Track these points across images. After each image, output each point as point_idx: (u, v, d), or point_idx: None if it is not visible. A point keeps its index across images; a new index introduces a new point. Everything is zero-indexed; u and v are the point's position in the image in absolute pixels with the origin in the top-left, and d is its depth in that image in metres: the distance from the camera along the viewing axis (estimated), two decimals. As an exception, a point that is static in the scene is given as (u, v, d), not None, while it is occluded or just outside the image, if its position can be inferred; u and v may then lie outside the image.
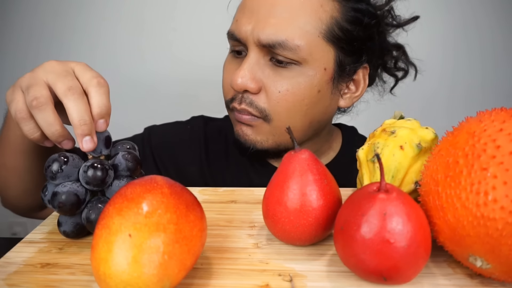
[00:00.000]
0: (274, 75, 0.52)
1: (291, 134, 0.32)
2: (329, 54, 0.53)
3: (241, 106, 0.53)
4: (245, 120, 0.54)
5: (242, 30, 0.52)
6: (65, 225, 0.35)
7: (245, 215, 0.40)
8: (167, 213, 0.26)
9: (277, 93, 0.52)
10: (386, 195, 0.27)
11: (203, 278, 0.30)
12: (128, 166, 0.36)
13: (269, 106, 0.52)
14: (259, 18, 0.51)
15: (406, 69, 0.65)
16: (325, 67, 0.53)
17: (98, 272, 0.25)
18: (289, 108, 0.52)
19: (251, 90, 0.52)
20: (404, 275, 0.27)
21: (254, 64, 0.52)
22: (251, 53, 0.52)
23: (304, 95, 0.52)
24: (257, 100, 0.53)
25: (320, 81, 0.53)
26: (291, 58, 0.50)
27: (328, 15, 0.51)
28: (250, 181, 0.62)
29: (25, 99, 0.35)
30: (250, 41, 0.51)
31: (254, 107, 0.53)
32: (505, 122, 0.27)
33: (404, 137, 0.37)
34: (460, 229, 0.26)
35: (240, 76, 0.51)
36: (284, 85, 0.51)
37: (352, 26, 0.53)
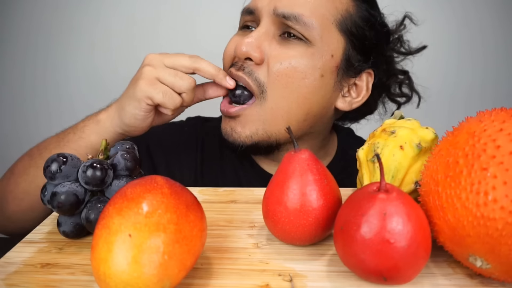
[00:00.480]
0: (280, 49, 0.52)
1: (291, 134, 0.32)
2: (339, 43, 0.53)
3: (238, 73, 0.52)
4: (232, 112, 0.53)
5: (259, 3, 0.53)
6: (64, 225, 0.35)
7: (245, 215, 0.40)
8: (167, 213, 0.26)
9: (279, 65, 0.51)
10: (386, 195, 0.27)
11: (203, 278, 0.30)
12: (127, 166, 0.36)
13: (268, 81, 0.51)
14: None
15: (410, 95, 0.65)
16: (333, 54, 0.53)
17: (98, 272, 0.25)
18: (287, 84, 0.51)
19: (254, 59, 0.51)
20: (404, 275, 0.27)
21: (263, 34, 0.52)
22: (263, 23, 0.52)
23: (306, 73, 0.51)
24: (257, 71, 0.52)
25: (324, 66, 0.52)
26: (302, 34, 0.51)
27: (344, 7, 0.53)
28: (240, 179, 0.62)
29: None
30: (266, 11, 0.52)
31: (253, 78, 0.51)
32: (505, 122, 0.27)
33: (404, 137, 0.37)
34: (460, 229, 0.26)
35: (245, 43, 0.51)
36: (287, 59, 0.51)
37: (364, 25, 0.54)
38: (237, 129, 0.53)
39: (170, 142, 0.66)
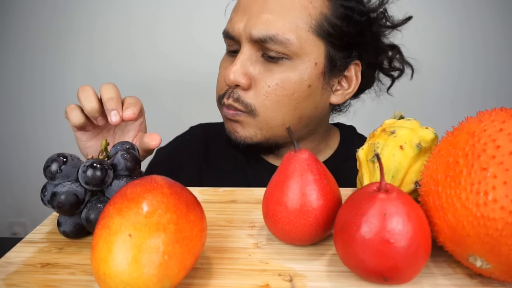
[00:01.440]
0: (265, 71, 0.53)
1: (291, 134, 0.32)
2: (320, 48, 0.54)
3: (228, 101, 0.55)
4: (230, 115, 0.56)
5: (236, 28, 0.54)
6: (64, 225, 0.35)
7: (245, 215, 0.40)
8: (167, 213, 0.26)
9: (267, 87, 0.53)
10: (386, 195, 0.27)
11: (203, 278, 0.30)
12: (127, 166, 0.36)
13: (256, 101, 0.54)
14: (251, 15, 0.53)
15: (402, 68, 0.65)
16: (316, 62, 0.54)
17: (98, 272, 0.25)
18: (277, 102, 0.53)
19: (242, 85, 0.53)
20: (404, 275, 0.27)
21: (246, 60, 0.53)
22: (243, 49, 0.54)
23: (294, 89, 0.53)
24: (244, 96, 0.54)
25: (310, 76, 0.54)
26: (282, 52, 0.52)
27: (317, 11, 0.53)
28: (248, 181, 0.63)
29: None
30: (243, 37, 0.53)
31: (240, 102, 0.54)
32: (505, 122, 0.27)
33: (404, 137, 0.37)
34: (460, 229, 0.26)
35: (232, 72, 0.53)
36: (274, 80, 0.53)
37: (341, 22, 0.54)
38: (237, 129, 0.57)
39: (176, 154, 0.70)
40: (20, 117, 1.46)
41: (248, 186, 0.51)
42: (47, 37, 1.35)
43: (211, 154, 0.69)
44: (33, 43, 1.36)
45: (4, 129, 1.48)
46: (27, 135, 1.47)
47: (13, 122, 1.47)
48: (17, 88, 1.43)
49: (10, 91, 1.43)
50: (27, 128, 1.46)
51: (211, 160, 0.68)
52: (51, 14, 1.33)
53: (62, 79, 1.39)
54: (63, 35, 1.35)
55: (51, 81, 1.40)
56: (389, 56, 0.64)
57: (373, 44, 0.60)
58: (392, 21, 0.62)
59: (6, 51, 1.39)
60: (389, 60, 0.64)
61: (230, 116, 0.56)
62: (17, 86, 1.42)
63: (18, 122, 1.46)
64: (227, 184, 0.49)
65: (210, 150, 0.69)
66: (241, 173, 0.65)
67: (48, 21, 1.34)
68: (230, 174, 0.65)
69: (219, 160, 0.67)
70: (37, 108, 1.43)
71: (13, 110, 1.45)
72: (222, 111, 0.59)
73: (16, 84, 1.42)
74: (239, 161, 0.66)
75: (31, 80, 1.41)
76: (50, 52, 1.37)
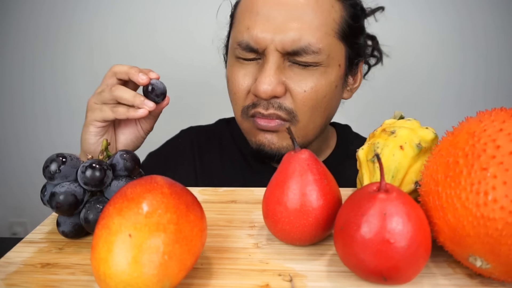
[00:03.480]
0: (296, 76, 0.53)
1: (291, 134, 0.32)
2: (342, 51, 0.55)
3: (269, 111, 0.53)
4: (273, 127, 0.54)
5: (260, 38, 0.51)
6: (64, 225, 0.35)
7: (245, 215, 0.40)
8: (167, 213, 0.26)
9: (303, 92, 0.52)
10: (386, 195, 0.27)
11: (203, 278, 0.30)
12: (126, 166, 0.36)
13: (295, 106, 0.53)
14: (278, 24, 0.50)
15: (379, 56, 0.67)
16: (340, 64, 0.55)
17: (98, 272, 0.25)
18: (313, 106, 0.54)
19: (279, 95, 0.52)
20: (404, 275, 0.27)
21: (276, 69, 0.52)
22: (271, 57, 0.51)
23: (326, 92, 0.54)
24: (284, 102, 0.53)
25: (336, 77, 0.55)
26: (313, 61, 0.51)
27: (339, 15, 0.53)
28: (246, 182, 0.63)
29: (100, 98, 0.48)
30: (271, 48, 0.51)
31: (283, 110, 0.53)
32: (505, 122, 0.27)
33: (404, 137, 0.37)
34: (460, 229, 0.26)
35: (267, 83, 0.50)
36: (308, 84, 0.52)
37: (353, 21, 0.55)
38: (274, 141, 0.55)
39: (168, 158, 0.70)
40: (20, 117, 1.46)
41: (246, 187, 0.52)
42: (47, 37, 1.35)
43: (205, 157, 0.68)
44: (32, 42, 1.36)
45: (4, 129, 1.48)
46: (27, 135, 1.47)
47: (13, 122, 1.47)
48: (17, 88, 1.43)
49: (10, 91, 1.43)
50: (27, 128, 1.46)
51: (205, 163, 0.68)
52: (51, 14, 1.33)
53: (62, 79, 1.39)
54: (63, 35, 1.35)
55: (51, 81, 1.40)
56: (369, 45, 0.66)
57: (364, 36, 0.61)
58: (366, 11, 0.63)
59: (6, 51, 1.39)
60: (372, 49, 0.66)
61: (271, 127, 0.54)
62: (17, 86, 1.42)
63: (18, 122, 1.46)
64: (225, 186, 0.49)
65: (204, 153, 0.69)
66: (239, 175, 0.65)
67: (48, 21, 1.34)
68: (227, 176, 0.65)
69: (215, 163, 0.67)
70: (37, 108, 1.43)
71: (13, 110, 1.45)
72: (248, 124, 0.56)
73: (16, 84, 1.42)
74: (237, 163, 0.66)
75: (31, 80, 1.41)
76: (49, 52, 1.37)
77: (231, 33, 0.60)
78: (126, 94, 0.46)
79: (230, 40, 0.60)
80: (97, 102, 0.48)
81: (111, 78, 0.48)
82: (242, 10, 0.55)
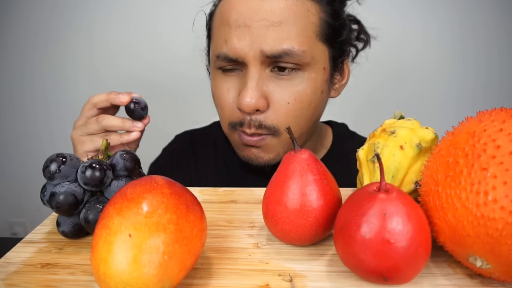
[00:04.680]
0: (278, 88, 0.51)
1: (291, 134, 0.32)
2: (325, 53, 0.53)
3: (251, 131, 0.53)
4: (254, 142, 0.54)
5: (238, 48, 0.50)
6: (63, 225, 0.35)
7: (245, 215, 0.40)
8: (167, 213, 0.26)
9: (286, 105, 0.51)
10: (386, 195, 0.27)
11: (203, 278, 0.30)
12: (126, 166, 0.36)
13: (278, 121, 0.52)
14: (255, 31, 0.49)
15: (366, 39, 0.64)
16: (324, 67, 0.53)
17: (98, 272, 0.25)
18: (297, 116, 0.52)
19: (261, 108, 0.51)
20: (404, 275, 0.27)
21: (258, 80, 0.50)
22: (251, 68, 0.50)
23: (311, 99, 0.52)
24: (265, 120, 0.52)
25: (322, 82, 0.54)
26: (296, 63, 0.50)
27: (317, 17, 0.52)
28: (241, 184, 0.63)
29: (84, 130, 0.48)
30: (250, 56, 0.49)
31: (264, 127, 0.52)
32: (505, 122, 0.27)
33: (404, 137, 0.37)
34: (460, 229, 0.26)
35: (249, 97, 0.49)
36: (292, 95, 0.51)
37: (333, 20, 0.54)
38: (260, 155, 0.55)
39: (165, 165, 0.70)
40: (20, 117, 1.46)
41: None
42: (48, 37, 1.35)
43: (200, 161, 0.69)
44: (34, 42, 1.36)
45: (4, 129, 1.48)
46: (27, 135, 1.47)
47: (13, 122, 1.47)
48: (18, 89, 1.43)
49: (11, 91, 1.43)
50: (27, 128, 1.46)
51: (200, 166, 0.68)
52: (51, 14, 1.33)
53: (63, 79, 1.39)
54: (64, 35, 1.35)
55: (52, 81, 1.40)
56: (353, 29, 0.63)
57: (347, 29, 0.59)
58: None
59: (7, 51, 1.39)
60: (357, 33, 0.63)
61: (254, 143, 0.54)
62: (18, 87, 1.42)
63: (18, 122, 1.46)
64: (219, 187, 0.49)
65: (198, 157, 0.69)
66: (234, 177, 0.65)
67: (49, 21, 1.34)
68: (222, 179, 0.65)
69: (209, 166, 0.68)
70: (38, 108, 1.43)
71: (13, 110, 1.45)
72: (235, 137, 0.56)
73: (16, 84, 1.42)
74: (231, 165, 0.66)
75: (32, 81, 1.41)
76: (50, 52, 1.37)
77: (210, 45, 0.59)
78: (114, 122, 0.47)
79: (210, 52, 0.59)
80: (83, 135, 0.48)
81: (91, 110, 0.49)
82: (217, 23, 0.54)
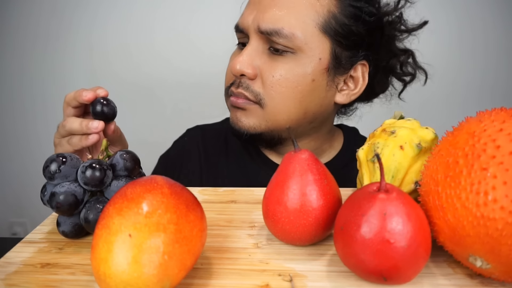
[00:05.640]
0: (270, 62, 0.55)
1: (292, 134, 0.32)
2: (325, 45, 0.55)
3: (237, 90, 0.56)
4: (240, 104, 0.57)
5: (245, 21, 0.56)
6: (64, 225, 0.35)
7: (245, 215, 0.40)
8: (167, 213, 0.26)
9: (271, 77, 0.54)
10: (386, 195, 0.27)
11: (203, 278, 0.30)
12: (126, 166, 0.36)
13: (264, 91, 0.55)
14: (260, 9, 0.55)
15: (414, 73, 0.65)
16: (320, 57, 0.54)
17: (98, 272, 0.25)
18: (282, 93, 0.55)
19: (247, 75, 0.55)
20: (404, 275, 0.27)
21: (253, 51, 0.55)
22: (251, 41, 0.56)
23: (298, 82, 0.54)
24: (253, 85, 0.56)
25: (314, 70, 0.55)
26: (287, 46, 0.53)
27: (325, 9, 0.54)
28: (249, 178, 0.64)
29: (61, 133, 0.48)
30: (251, 29, 0.55)
31: (250, 91, 0.56)
32: (505, 122, 0.27)
33: (404, 137, 0.37)
34: (460, 229, 0.26)
35: (239, 62, 0.55)
36: (278, 71, 0.54)
37: (349, 21, 0.54)
38: (241, 119, 0.58)
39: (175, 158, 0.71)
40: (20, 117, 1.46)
41: (249, 183, 0.52)
42: (47, 37, 1.35)
43: (210, 154, 0.69)
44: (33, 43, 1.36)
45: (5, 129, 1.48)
46: (28, 135, 1.47)
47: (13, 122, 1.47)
48: (17, 88, 1.43)
49: (10, 91, 1.43)
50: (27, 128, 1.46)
51: (210, 160, 0.68)
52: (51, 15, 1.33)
53: (62, 79, 1.39)
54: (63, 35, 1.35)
55: (51, 81, 1.40)
56: (401, 60, 0.64)
57: (385, 47, 0.60)
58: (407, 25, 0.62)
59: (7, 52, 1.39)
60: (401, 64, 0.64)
61: (238, 104, 0.57)
62: (17, 86, 1.42)
63: (18, 122, 1.46)
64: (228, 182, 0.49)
65: (209, 150, 0.70)
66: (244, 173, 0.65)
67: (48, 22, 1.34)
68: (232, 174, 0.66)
69: (220, 161, 0.68)
70: (37, 108, 1.43)
71: (13, 110, 1.45)
72: (228, 101, 0.60)
73: (16, 84, 1.42)
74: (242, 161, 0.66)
75: (31, 80, 1.41)
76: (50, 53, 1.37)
77: None
78: (74, 124, 0.45)
79: None
80: (58, 137, 0.49)
81: (67, 108, 0.49)
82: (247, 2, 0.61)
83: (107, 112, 0.44)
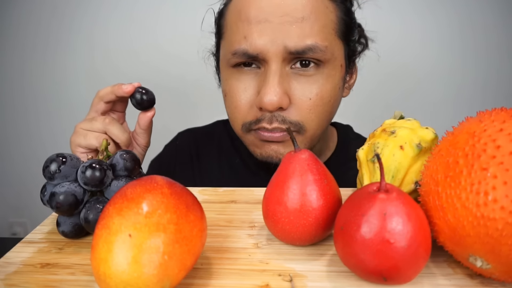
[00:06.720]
0: (299, 84, 0.50)
1: (291, 134, 0.32)
2: (342, 50, 0.54)
3: (273, 125, 0.51)
4: (277, 138, 0.52)
5: (259, 44, 0.48)
6: (63, 225, 0.35)
7: (245, 215, 0.40)
8: (167, 213, 0.26)
9: (308, 101, 0.50)
10: (386, 195, 0.27)
11: (203, 278, 0.30)
12: (126, 166, 0.36)
13: (302, 117, 0.51)
14: (277, 27, 0.48)
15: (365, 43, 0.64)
16: (341, 64, 0.54)
17: (98, 272, 0.25)
18: (319, 112, 0.52)
19: (284, 106, 0.49)
20: (404, 275, 0.27)
21: (280, 76, 0.49)
22: (273, 65, 0.48)
23: (331, 96, 0.52)
24: (288, 115, 0.50)
25: (339, 79, 0.54)
26: (318, 59, 0.49)
27: (334, 14, 0.52)
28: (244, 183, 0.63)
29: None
30: (272, 52, 0.48)
31: (288, 123, 0.51)
32: (505, 122, 0.27)
33: (404, 137, 0.37)
34: (460, 229, 0.26)
35: (272, 94, 0.47)
36: (313, 91, 0.50)
37: (346, 17, 0.54)
38: (281, 151, 0.53)
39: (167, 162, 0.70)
40: (20, 117, 1.46)
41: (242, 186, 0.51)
42: (48, 36, 1.36)
43: (203, 158, 0.69)
44: (34, 42, 1.36)
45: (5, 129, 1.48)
46: (28, 135, 1.47)
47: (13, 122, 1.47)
48: (17, 88, 1.43)
49: (11, 90, 1.43)
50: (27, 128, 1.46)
51: (202, 163, 0.68)
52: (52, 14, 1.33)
53: (63, 78, 1.40)
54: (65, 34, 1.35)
55: (52, 81, 1.40)
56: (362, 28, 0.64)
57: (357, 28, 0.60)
58: None
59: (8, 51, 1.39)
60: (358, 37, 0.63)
61: (276, 139, 0.52)
62: (19, 86, 1.42)
63: (18, 122, 1.46)
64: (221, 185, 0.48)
65: (202, 154, 0.69)
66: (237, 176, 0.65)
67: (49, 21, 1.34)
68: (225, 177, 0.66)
69: (212, 164, 0.68)
70: (38, 108, 1.43)
71: (14, 110, 1.45)
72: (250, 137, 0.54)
73: (16, 84, 1.42)
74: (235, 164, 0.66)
75: (32, 80, 1.41)
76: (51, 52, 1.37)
77: (221, 43, 0.56)
78: (117, 131, 0.45)
79: (221, 51, 0.56)
80: (84, 128, 0.46)
81: (98, 103, 0.48)
82: (233, 20, 0.52)
83: (148, 99, 0.47)
